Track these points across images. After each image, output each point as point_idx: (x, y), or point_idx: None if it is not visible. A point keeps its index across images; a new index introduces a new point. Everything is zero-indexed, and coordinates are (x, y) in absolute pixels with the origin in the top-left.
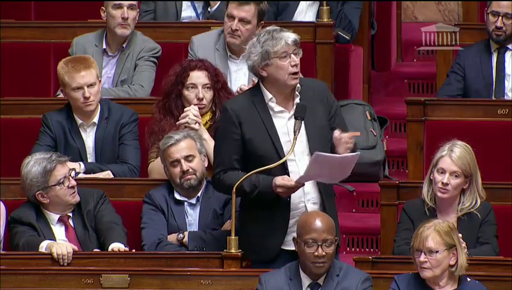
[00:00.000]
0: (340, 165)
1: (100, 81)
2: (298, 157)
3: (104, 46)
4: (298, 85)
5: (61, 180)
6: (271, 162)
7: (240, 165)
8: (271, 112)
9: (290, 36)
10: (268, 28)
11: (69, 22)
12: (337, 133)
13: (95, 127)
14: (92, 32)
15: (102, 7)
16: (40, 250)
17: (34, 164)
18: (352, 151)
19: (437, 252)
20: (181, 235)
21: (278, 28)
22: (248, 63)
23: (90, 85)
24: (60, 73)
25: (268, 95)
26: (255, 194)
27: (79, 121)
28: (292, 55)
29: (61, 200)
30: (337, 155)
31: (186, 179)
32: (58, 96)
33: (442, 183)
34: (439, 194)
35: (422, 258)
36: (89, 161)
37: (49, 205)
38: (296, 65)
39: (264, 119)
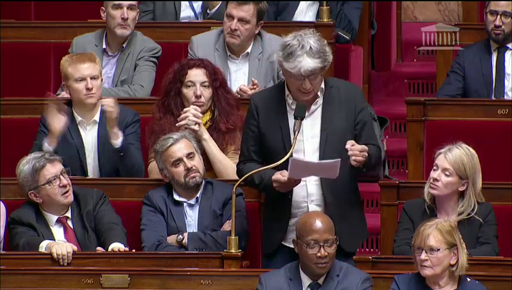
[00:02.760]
0: (322, 169)
1: (102, 79)
2: (308, 157)
3: (104, 46)
4: (322, 86)
5: (51, 179)
6: (279, 156)
7: (259, 157)
8: (288, 108)
9: (310, 65)
10: (302, 37)
11: (69, 22)
12: (348, 145)
13: (96, 125)
14: (92, 32)
15: (102, 7)
16: (40, 250)
17: (25, 163)
18: (366, 163)
19: (438, 250)
20: (180, 236)
21: (309, 45)
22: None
23: (93, 78)
24: (64, 65)
25: (287, 91)
26: (262, 186)
27: (78, 119)
28: (307, 79)
29: (52, 200)
30: (315, 161)
31: (191, 176)
32: (58, 96)
33: (433, 178)
34: (430, 189)
35: (423, 256)
36: (88, 159)
37: (44, 205)
38: (305, 88)
39: (279, 114)
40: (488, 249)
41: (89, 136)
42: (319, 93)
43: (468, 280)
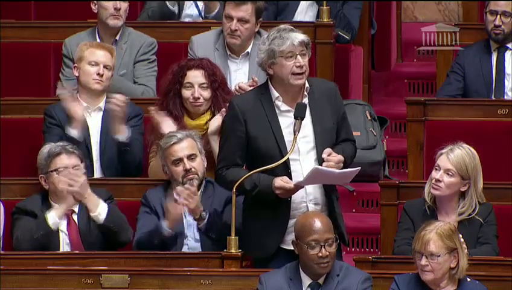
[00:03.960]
0: (340, 177)
1: (112, 74)
2: (302, 158)
3: (98, 41)
4: (307, 85)
5: (60, 169)
6: (274, 160)
7: (243, 162)
8: (277, 111)
9: (298, 37)
10: (280, 26)
11: (69, 22)
12: (324, 155)
13: (101, 112)
14: (84, 31)
15: (94, 0)
16: (48, 221)
17: (47, 146)
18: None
19: (438, 256)
20: (204, 213)
21: (289, 27)
22: (256, 60)
23: (106, 67)
24: (82, 48)
25: (275, 93)
26: (255, 192)
27: (84, 104)
28: (298, 56)
29: (56, 190)
30: (336, 170)
31: (189, 178)
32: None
33: (436, 179)
34: (432, 190)
35: (424, 261)
36: (93, 145)
37: (51, 194)
38: (300, 66)
39: (269, 118)
40: (488, 249)
41: (94, 123)
42: (305, 92)
43: (468, 279)
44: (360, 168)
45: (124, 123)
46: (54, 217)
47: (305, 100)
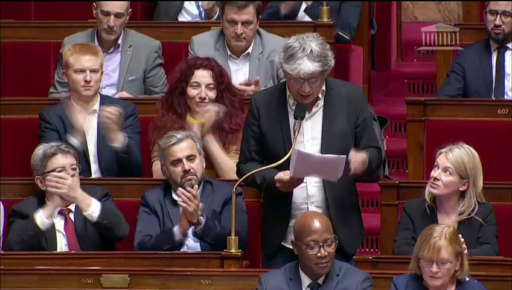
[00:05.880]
0: (325, 165)
1: (103, 72)
2: None
3: (97, 44)
4: (323, 88)
5: (57, 170)
6: (279, 157)
7: (260, 156)
8: (289, 109)
9: (309, 68)
10: (304, 39)
11: (69, 22)
12: (351, 153)
13: (96, 114)
14: (83, 32)
15: (94, 3)
16: (37, 221)
17: (40, 148)
18: (366, 171)
19: (450, 262)
20: (201, 218)
21: (310, 48)
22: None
23: (93, 71)
24: (66, 54)
25: (288, 91)
26: (264, 186)
27: (78, 108)
28: (306, 82)
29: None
30: (319, 155)
31: (188, 179)
32: (51, 95)
33: (434, 178)
34: (430, 189)
35: (435, 269)
36: (90, 146)
37: (48, 195)
38: (304, 91)
39: (280, 115)
40: (488, 249)
41: (90, 125)
42: (320, 95)
43: (467, 279)
44: (345, 156)
45: (119, 132)
46: (41, 217)
47: (320, 102)
